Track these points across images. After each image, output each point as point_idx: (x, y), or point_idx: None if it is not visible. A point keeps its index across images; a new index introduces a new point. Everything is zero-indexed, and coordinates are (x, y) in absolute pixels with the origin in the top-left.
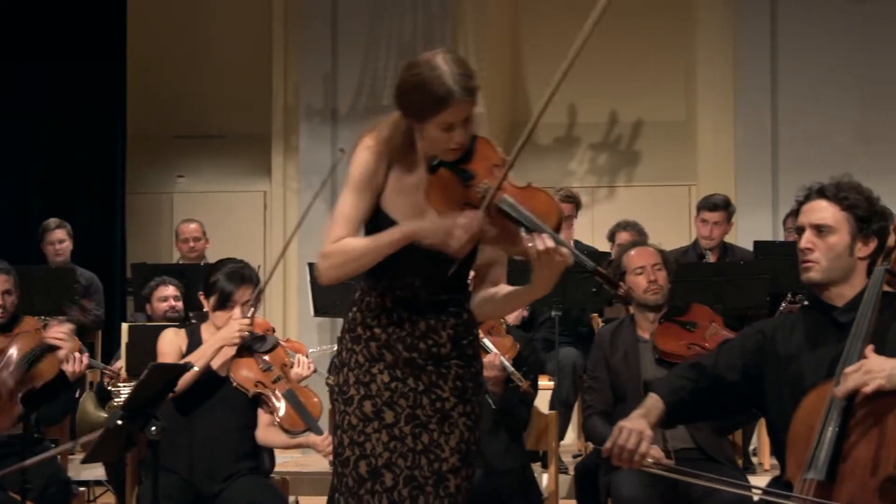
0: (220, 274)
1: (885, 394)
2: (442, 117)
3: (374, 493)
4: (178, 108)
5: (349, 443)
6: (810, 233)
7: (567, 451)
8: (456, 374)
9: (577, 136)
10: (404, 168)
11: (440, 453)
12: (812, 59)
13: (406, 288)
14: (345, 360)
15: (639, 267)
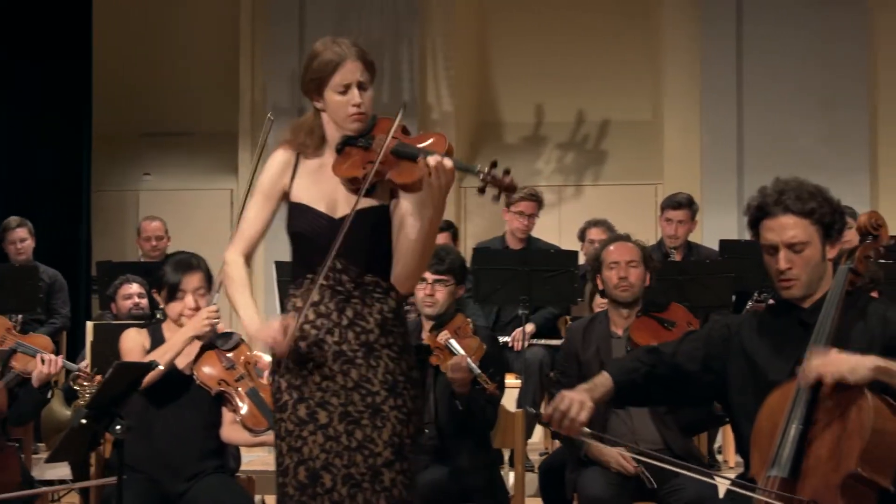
0: (167, 266)
1: (847, 391)
2: (336, 78)
3: (316, 496)
4: (144, 105)
5: (287, 450)
6: (786, 252)
7: (534, 450)
8: (386, 366)
9: (545, 136)
10: (314, 160)
11: (374, 448)
12: (777, 60)
13: (330, 273)
14: (275, 368)
15: (613, 262)
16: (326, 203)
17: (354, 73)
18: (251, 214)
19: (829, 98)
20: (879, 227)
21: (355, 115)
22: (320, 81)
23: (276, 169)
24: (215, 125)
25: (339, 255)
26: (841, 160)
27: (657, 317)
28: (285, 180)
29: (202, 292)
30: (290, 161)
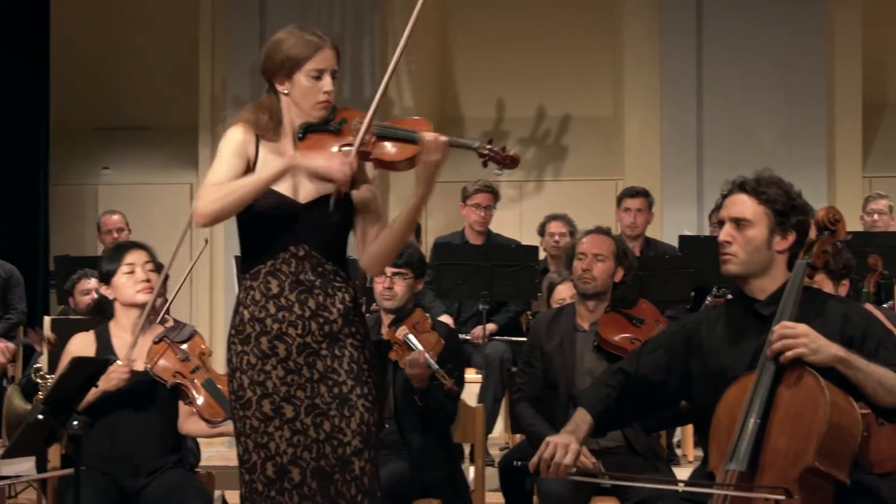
0: (105, 254)
1: (805, 386)
2: (313, 63)
3: (284, 490)
4: (102, 98)
5: (254, 447)
6: (730, 226)
7: (494, 445)
8: (350, 355)
9: (505, 131)
10: (273, 143)
11: (343, 438)
12: (736, 56)
13: (291, 261)
14: (236, 365)
15: (581, 253)
16: (287, 186)
17: (329, 61)
18: (222, 166)
19: (787, 94)
20: (837, 222)
21: (324, 103)
22: (294, 64)
23: (240, 138)
24: (175, 119)
25: (300, 241)
26: (799, 155)
27: (625, 313)
28: (250, 152)
29: (150, 267)
30: (251, 141)
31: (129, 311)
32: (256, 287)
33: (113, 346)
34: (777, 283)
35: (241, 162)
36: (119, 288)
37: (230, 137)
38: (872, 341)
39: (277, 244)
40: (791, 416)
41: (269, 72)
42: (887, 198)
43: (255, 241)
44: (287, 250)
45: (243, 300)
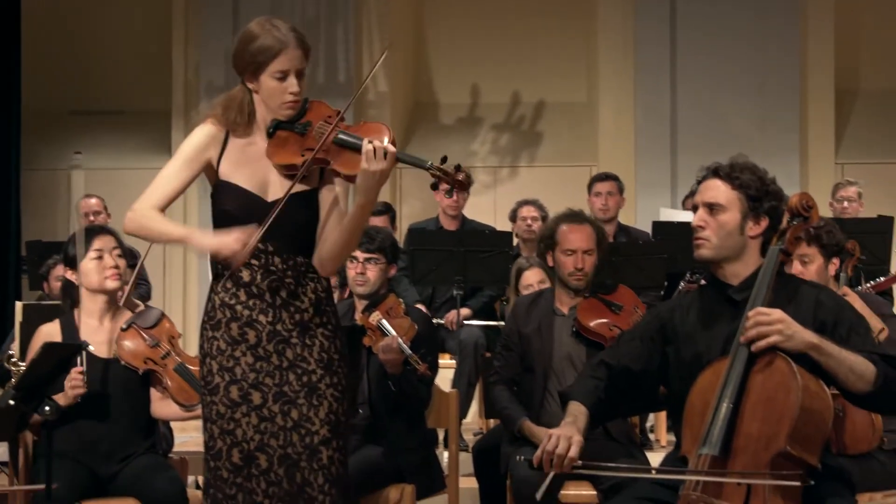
0: (70, 239)
1: (778, 370)
2: (276, 64)
3: (252, 476)
4: (75, 83)
5: (220, 433)
6: (703, 211)
7: (468, 430)
8: (321, 344)
9: (480, 117)
10: (244, 140)
11: (310, 427)
12: (710, 43)
13: (260, 256)
14: (206, 351)
15: (570, 249)
16: (257, 184)
17: (293, 61)
18: (169, 172)
19: (760, 80)
20: (810, 209)
21: (290, 103)
22: (258, 66)
23: (202, 140)
24: (148, 104)
25: (269, 238)
26: (772, 141)
27: (604, 299)
28: (212, 153)
29: (118, 252)
30: (219, 137)
31: (95, 297)
32: (228, 276)
33: (80, 333)
34: (750, 268)
35: (192, 170)
36: (87, 273)
37: (191, 140)
38: (844, 327)
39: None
40: (763, 401)
41: (238, 68)
42: (857, 184)
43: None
44: (255, 245)
45: (215, 287)
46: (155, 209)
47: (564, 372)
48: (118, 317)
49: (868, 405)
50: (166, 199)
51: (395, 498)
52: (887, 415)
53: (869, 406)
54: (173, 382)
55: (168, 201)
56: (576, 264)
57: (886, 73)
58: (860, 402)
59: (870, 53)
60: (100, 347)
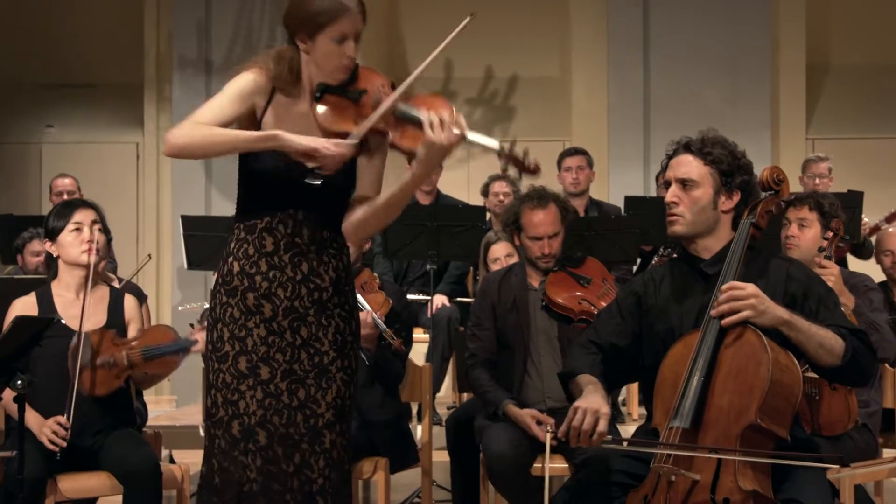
0: (53, 210)
1: (748, 343)
2: (338, 26)
3: (248, 452)
4: (45, 55)
5: (223, 402)
6: (676, 187)
7: (441, 404)
8: (336, 326)
9: (453, 91)
10: (289, 98)
11: (316, 409)
12: (682, 17)
13: (288, 222)
14: (219, 316)
15: (536, 235)
16: None
17: (355, 25)
18: (217, 104)
19: (732, 56)
20: (781, 182)
21: (345, 67)
22: (317, 26)
23: (252, 83)
24: (119, 76)
25: (303, 204)
26: (744, 117)
27: (573, 272)
28: (259, 101)
29: (98, 227)
30: (266, 89)
31: (72, 269)
32: (251, 241)
33: (55, 305)
34: (722, 242)
35: (240, 108)
36: (64, 246)
37: (242, 79)
38: (813, 300)
39: (277, 204)
40: (734, 374)
41: (292, 26)
42: (827, 160)
43: (256, 196)
44: (286, 211)
45: (235, 252)
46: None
47: (539, 347)
48: (94, 290)
49: (837, 378)
50: (217, 125)
51: (368, 471)
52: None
53: (838, 379)
54: (153, 366)
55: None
56: (542, 250)
57: (857, 48)
58: (829, 375)
59: (840, 29)
60: (74, 321)
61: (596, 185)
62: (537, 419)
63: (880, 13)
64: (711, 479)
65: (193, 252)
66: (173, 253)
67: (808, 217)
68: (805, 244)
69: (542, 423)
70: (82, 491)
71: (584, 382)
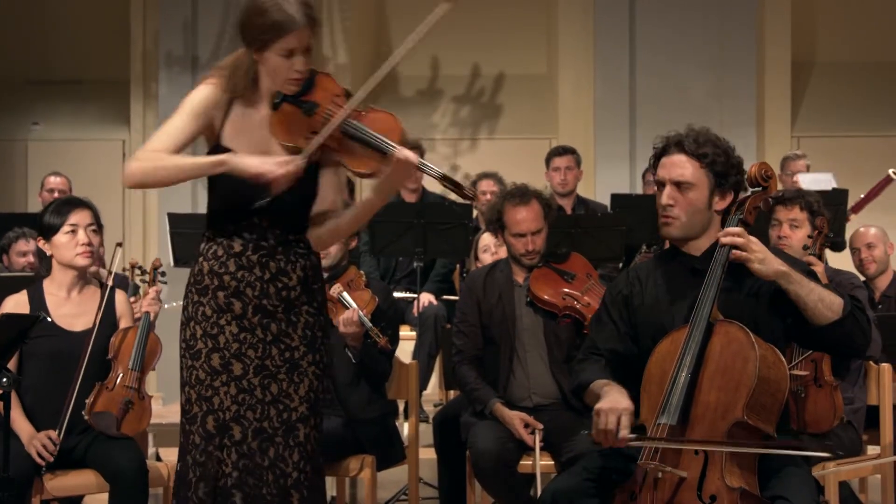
0: (50, 207)
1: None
2: (283, 43)
3: (223, 447)
4: (31, 52)
5: (196, 398)
6: (671, 189)
7: (428, 401)
8: (306, 322)
9: (440, 89)
10: (247, 106)
11: (289, 403)
12: (669, 14)
13: (254, 228)
14: (191, 315)
15: (519, 232)
16: (258, 154)
17: (302, 40)
18: (176, 124)
19: (718, 54)
20: (769, 178)
21: (295, 81)
22: (265, 42)
23: (208, 97)
24: (105, 73)
25: (267, 213)
26: (729, 114)
27: (557, 268)
28: (217, 113)
29: (94, 228)
30: (223, 100)
31: (66, 270)
32: (220, 243)
33: (46, 304)
34: (711, 239)
35: (197, 126)
36: (59, 247)
37: (198, 95)
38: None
39: (243, 213)
40: (721, 371)
41: (244, 41)
42: (805, 157)
43: (222, 206)
44: (250, 220)
45: (204, 252)
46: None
47: (525, 343)
48: (86, 290)
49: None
50: (175, 149)
51: (355, 468)
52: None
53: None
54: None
55: (177, 151)
56: (526, 246)
57: (842, 45)
58: (827, 332)
59: (826, 26)
60: (65, 320)
61: (582, 183)
62: (525, 422)
63: (866, 10)
64: (698, 477)
65: (180, 249)
66: (160, 250)
67: (798, 217)
68: (797, 244)
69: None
70: (68, 489)
71: (598, 387)
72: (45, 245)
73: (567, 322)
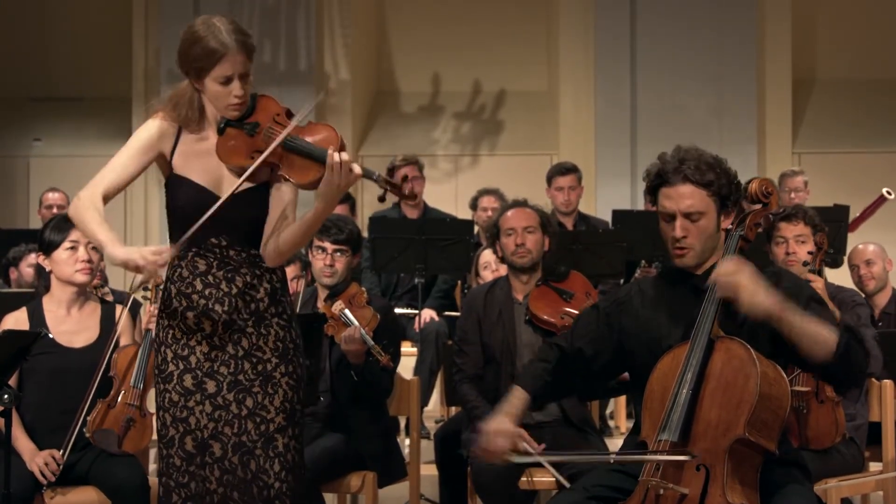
0: (51, 224)
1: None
2: (218, 70)
3: (206, 465)
4: (33, 69)
5: (172, 421)
6: (683, 220)
7: (429, 417)
8: (276, 334)
9: (441, 105)
10: (196, 134)
11: (266, 415)
12: (669, 33)
13: (215, 249)
14: (162, 339)
15: (510, 228)
16: (210, 179)
17: (236, 66)
18: (118, 162)
19: (719, 71)
20: (770, 195)
21: (234, 106)
22: (200, 70)
23: (154, 133)
24: (107, 90)
25: (221, 232)
26: (730, 131)
27: (556, 287)
28: (164, 146)
29: (93, 245)
30: (171, 131)
31: (65, 286)
32: (185, 265)
33: (46, 321)
34: (715, 257)
35: (144, 160)
36: (58, 263)
37: (143, 131)
38: (803, 298)
39: (200, 235)
40: (723, 388)
41: (182, 69)
42: (802, 174)
43: (181, 231)
44: (208, 241)
45: (171, 276)
46: (100, 198)
47: (525, 360)
48: (86, 306)
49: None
50: (114, 189)
51: (356, 485)
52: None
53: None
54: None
55: (116, 190)
56: (516, 241)
57: (843, 63)
58: (819, 370)
59: (826, 44)
60: (64, 336)
61: (583, 199)
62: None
63: (866, 27)
64: (700, 493)
65: None
66: None
67: (804, 232)
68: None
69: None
70: None
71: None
72: (45, 261)
73: None
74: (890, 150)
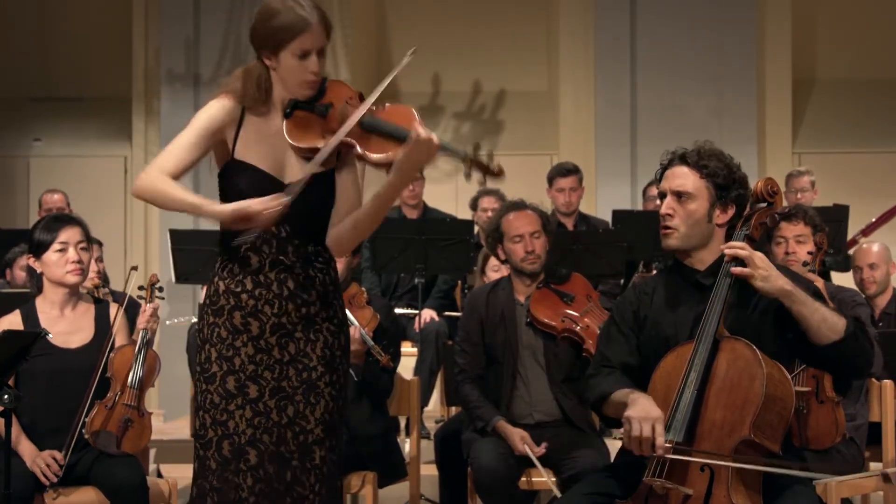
0: (40, 224)
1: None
2: (298, 43)
3: (239, 472)
4: (34, 69)
5: (211, 423)
6: (671, 199)
7: (430, 417)
8: (325, 340)
9: (441, 105)
10: (260, 117)
11: (305, 425)
12: (669, 32)
13: (272, 241)
14: (206, 337)
15: (517, 235)
16: (273, 165)
17: (316, 40)
18: (184, 142)
19: (719, 71)
20: (775, 194)
21: (310, 83)
22: (278, 43)
23: (220, 113)
24: (107, 90)
25: (285, 221)
26: (730, 131)
27: (557, 289)
28: (228, 129)
29: (83, 245)
30: (236, 113)
31: (57, 288)
32: (236, 260)
33: (40, 322)
34: (716, 254)
35: (207, 145)
36: (49, 265)
37: (209, 111)
38: (809, 291)
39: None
40: (728, 388)
41: (256, 43)
42: (809, 173)
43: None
44: (269, 230)
45: (219, 271)
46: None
47: (526, 361)
48: (79, 306)
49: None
50: (181, 169)
51: (356, 485)
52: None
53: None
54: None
55: (182, 171)
56: (526, 248)
57: (843, 62)
58: (826, 350)
59: (826, 43)
60: (60, 337)
61: (584, 199)
62: (525, 442)
63: (866, 27)
64: (704, 494)
65: (181, 266)
66: (161, 267)
67: (804, 232)
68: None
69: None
70: None
71: (622, 396)
72: (36, 263)
73: (565, 343)
74: (890, 150)
